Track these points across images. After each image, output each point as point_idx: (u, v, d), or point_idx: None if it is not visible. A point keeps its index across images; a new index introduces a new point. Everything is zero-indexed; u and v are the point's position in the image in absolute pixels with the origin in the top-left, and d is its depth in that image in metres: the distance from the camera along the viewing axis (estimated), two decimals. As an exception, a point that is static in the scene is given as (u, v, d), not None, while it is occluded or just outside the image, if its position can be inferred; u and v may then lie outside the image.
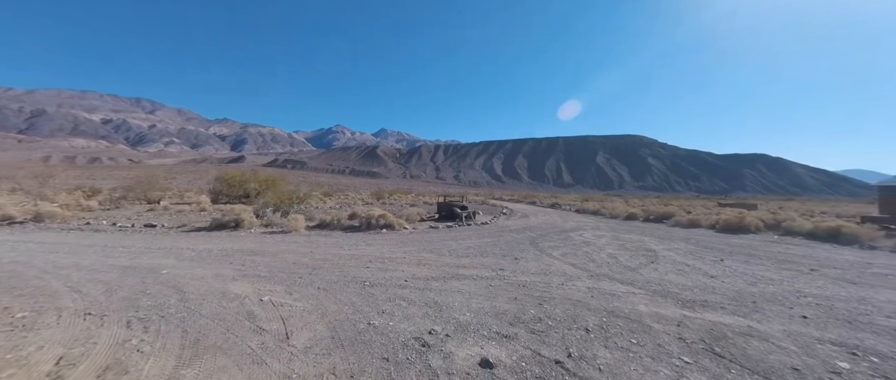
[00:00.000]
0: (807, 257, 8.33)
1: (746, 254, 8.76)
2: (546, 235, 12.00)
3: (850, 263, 7.83)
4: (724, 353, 3.36)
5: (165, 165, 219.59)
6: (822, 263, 7.76)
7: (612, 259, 7.87)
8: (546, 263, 7.35)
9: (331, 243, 9.36)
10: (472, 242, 10.16)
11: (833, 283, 5.98)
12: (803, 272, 6.76)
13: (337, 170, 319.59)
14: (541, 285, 5.65)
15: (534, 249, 9.00)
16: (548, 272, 6.49)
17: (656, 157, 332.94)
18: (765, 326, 4.02)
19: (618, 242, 10.68)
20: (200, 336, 3.45)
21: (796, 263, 7.60)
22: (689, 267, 7.04)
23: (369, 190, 65.88)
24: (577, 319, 4.18)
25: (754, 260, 7.93)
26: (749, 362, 3.20)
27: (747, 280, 6.08)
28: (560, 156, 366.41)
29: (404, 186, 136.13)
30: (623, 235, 12.43)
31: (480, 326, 3.88)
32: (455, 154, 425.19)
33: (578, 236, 11.87)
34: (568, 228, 14.44)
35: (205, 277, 5.58)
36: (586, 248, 9.43)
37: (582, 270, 6.77)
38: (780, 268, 7.12)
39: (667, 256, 8.23)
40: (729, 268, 7.05)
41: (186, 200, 23.71)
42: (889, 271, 6.96)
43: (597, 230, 13.83)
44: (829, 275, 6.57)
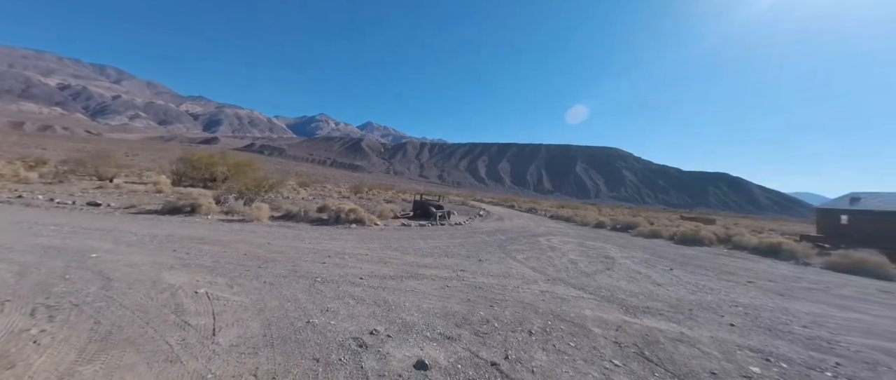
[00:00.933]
0: (747, 270, 8.95)
1: (695, 265, 9.29)
2: (515, 239, 12.17)
3: (784, 276, 8.49)
4: (653, 357, 3.50)
5: (127, 141, 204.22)
6: (759, 275, 8.36)
7: (572, 265, 8.09)
8: (508, 266, 7.43)
9: (292, 236, 9.01)
10: (440, 242, 10.13)
11: (764, 294, 6.44)
12: (740, 284, 7.24)
13: (318, 160, 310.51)
14: (497, 287, 5.69)
15: (500, 252, 9.09)
16: (507, 275, 6.56)
17: (630, 169, 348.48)
18: (695, 332, 4.24)
19: (581, 248, 11.00)
20: (114, 329, 3.16)
21: (736, 275, 8.14)
22: (641, 275, 7.35)
23: (349, 183, 64.47)
24: (524, 321, 4.23)
25: (701, 271, 8.41)
26: (673, 366, 3.35)
27: (689, 289, 6.42)
28: (542, 163, 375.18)
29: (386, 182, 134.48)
30: (588, 242, 12.84)
31: (426, 326, 3.83)
32: (440, 153, 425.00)
33: (546, 241, 12.13)
34: (538, 233, 14.74)
35: (139, 265, 5.18)
36: (551, 253, 9.64)
37: (541, 274, 6.90)
38: (722, 279, 7.59)
39: (623, 264, 8.55)
40: (676, 277, 7.42)
41: (144, 180, 22.13)
42: (814, 286, 7.60)
43: (565, 237, 14.20)
44: (762, 287, 7.07)
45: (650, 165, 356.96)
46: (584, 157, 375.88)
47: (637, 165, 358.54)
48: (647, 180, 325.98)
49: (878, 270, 9.90)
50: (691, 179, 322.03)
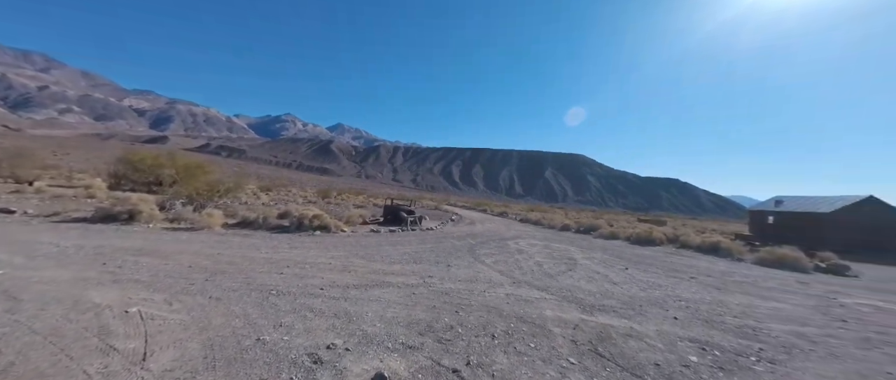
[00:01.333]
0: (691, 267, 9.81)
1: (647, 264, 10.00)
2: (485, 243, 12.34)
3: (721, 272, 9.41)
4: (605, 353, 3.69)
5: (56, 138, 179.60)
6: (700, 272, 9.19)
7: (538, 267, 8.35)
8: (476, 270, 7.50)
9: (247, 245, 8.42)
10: (410, 248, 10.00)
11: (704, 289, 7.08)
12: (685, 280, 7.90)
13: (283, 163, 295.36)
14: (464, 292, 5.70)
15: (469, 257, 9.15)
16: (475, 280, 6.61)
17: (594, 175, 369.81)
18: (643, 326, 4.54)
19: (547, 250, 11.41)
20: (18, 359, 2.72)
21: (682, 272, 8.88)
22: (599, 275, 7.76)
23: (316, 188, 61.83)
24: (488, 326, 4.27)
25: (652, 269, 9.07)
26: (623, 360, 3.55)
27: (641, 287, 6.89)
28: (514, 167, 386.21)
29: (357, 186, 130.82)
30: (553, 244, 13.35)
31: (388, 337, 3.74)
32: (414, 157, 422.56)
33: (515, 245, 12.44)
34: (508, 237, 15.08)
35: (59, 281, 4.54)
36: (518, 256, 9.89)
37: (507, 277, 7.04)
38: (669, 276, 8.24)
39: (584, 265, 8.99)
40: (630, 276, 7.93)
41: (73, 183, 19.61)
42: (745, 280, 8.49)
43: (533, 239, 14.66)
44: (702, 282, 7.78)
45: (612, 171, 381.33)
46: (553, 163, 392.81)
47: (600, 171, 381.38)
48: (608, 185, 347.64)
49: (797, 264, 11.29)
50: (647, 184, 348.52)
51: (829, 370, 3.56)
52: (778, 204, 26.02)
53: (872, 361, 3.93)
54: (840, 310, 6.11)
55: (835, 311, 6.01)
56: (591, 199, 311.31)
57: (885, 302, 7.15)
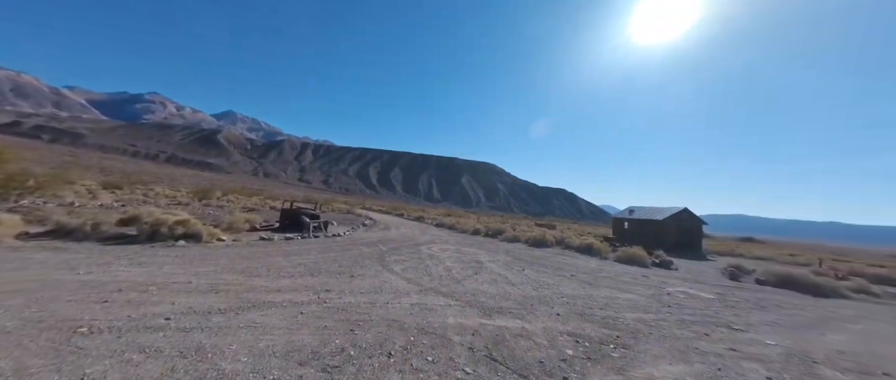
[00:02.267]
0: (572, 266, 11.50)
1: (540, 264, 11.28)
2: (397, 249, 11.94)
3: (592, 269, 11.32)
4: (499, 357, 3.79)
5: None
6: (579, 269, 10.85)
7: (446, 272, 8.41)
8: (383, 279, 7.06)
9: (56, 262, 6.04)
10: (309, 257, 8.86)
11: (580, 285, 8.31)
12: (567, 277, 9.15)
13: (146, 154, 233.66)
14: (365, 305, 5.22)
15: (377, 265, 8.62)
16: (379, 290, 6.17)
17: (503, 183, 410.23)
18: (533, 325, 4.92)
19: (458, 255, 11.74)
20: None
21: (565, 270, 10.30)
22: (500, 277, 8.31)
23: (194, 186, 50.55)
24: (386, 343, 3.93)
25: (543, 269, 10.25)
26: (513, 362, 3.70)
27: (534, 286, 7.63)
28: (432, 172, 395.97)
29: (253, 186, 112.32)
30: (464, 248, 13.88)
31: (254, 373, 3.02)
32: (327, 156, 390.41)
33: (427, 250, 12.40)
34: (421, 242, 15.00)
35: None
36: (429, 261, 9.83)
37: (415, 285, 6.83)
38: (556, 274, 9.44)
39: (489, 268, 9.52)
40: (526, 276, 8.75)
41: None
42: (609, 275, 10.39)
43: (445, 244, 14.95)
44: (580, 279, 9.15)
45: (517, 180, 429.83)
46: (468, 170, 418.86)
47: (508, 179, 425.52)
48: (514, 193, 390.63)
49: (642, 261, 14.47)
50: (544, 192, 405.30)
51: (660, 349, 4.47)
52: (631, 212, 33.46)
53: (686, 338, 5.15)
54: (667, 297, 7.97)
55: (664, 298, 7.81)
56: (500, 205, 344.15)
57: (693, 289, 9.72)
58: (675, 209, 27.99)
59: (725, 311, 7.05)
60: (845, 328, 6.49)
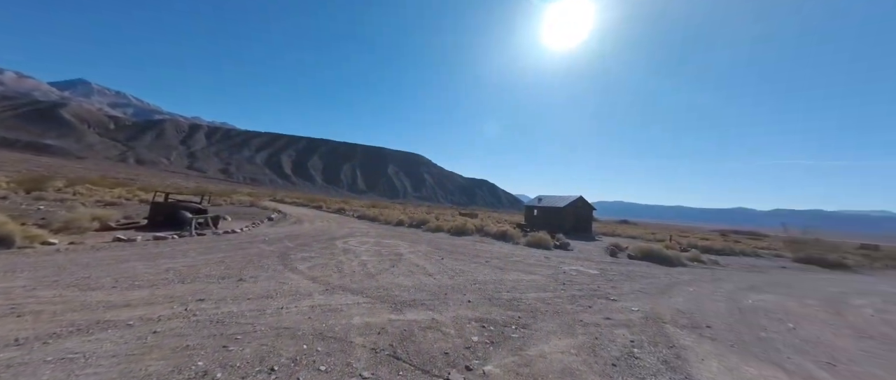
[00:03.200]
0: (486, 252, 12.18)
1: (459, 252, 11.61)
2: (308, 245, 10.72)
3: (505, 254, 12.20)
4: (403, 354, 3.56)
5: None
6: (493, 255, 11.54)
7: (361, 267, 7.84)
8: (281, 281, 6.12)
9: None
10: (184, 260, 7.17)
11: (492, 270, 8.78)
12: (482, 263, 9.60)
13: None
14: (250, 314, 4.36)
15: (278, 264, 7.49)
16: (274, 294, 5.29)
17: (430, 174, 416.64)
18: (443, 315, 4.87)
19: (377, 247, 11.17)
20: None
21: (481, 257, 10.82)
22: (418, 268, 8.16)
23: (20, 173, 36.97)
24: (269, 356, 3.30)
25: (462, 257, 10.54)
26: (418, 358, 3.52)
27: (450, 274, 7.71)
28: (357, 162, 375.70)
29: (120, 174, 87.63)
30: (385, 240, 13.35)
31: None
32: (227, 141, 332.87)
33: (343, 244, 11.48)
34: (338, 235, 13.86)
35: None
36: (343, 256, 9.06)
37: (322, 283, 6.11)
38: (472, 262, 9.80)
39: (408, 259, 9.29)
40: (444, 266, 8.82)
41: None
42: (519, 259, 11.32)
43: (365, 236, 14.14)
44: (493, 264, 9.69)
45: (443, 171, 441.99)
46: (395, 160, 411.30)
47: (435, 170, 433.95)
48: (440, 183, 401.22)
49: (546, 244, 16.30)
50: (469, 183, 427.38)
51: (553, 325, 4.92)
52: (540, 201, 37.69)
53: (574, 312, 5.82)
54: (563, 276, 9.05)
55: (560, 277, 8.83)
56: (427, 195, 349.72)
57: (583, 267, 11.31)
58: (573, 198, 32.56)
59: (605, 284, 8.35)
60: (684, 291, 8.39)
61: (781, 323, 6.07)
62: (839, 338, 5.51)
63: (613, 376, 3.37)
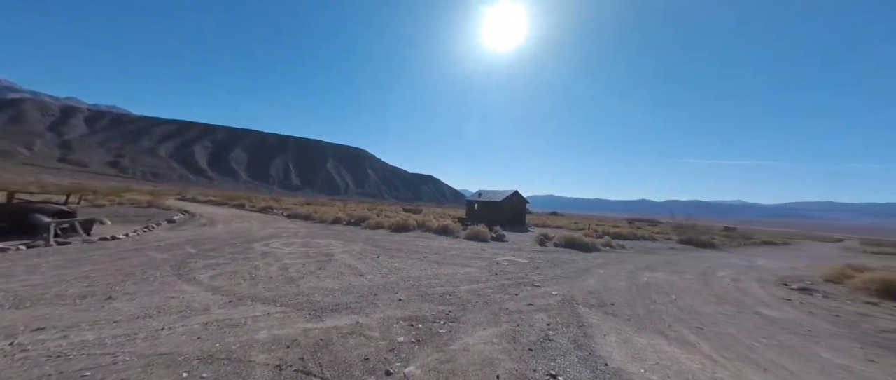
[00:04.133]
0: (425, 247, 12.14)
1: (398, 248, 11.32)
2: (216, 250, 9.28)
3: (444, 248, 12.31)
4: (314, 367, 3.23)
5: None
6: (432, 250, 11.54)
7: (282, 271, 7.05)
8: (169, 295, 5.11)
9: None
10: (26, 278, 5.57)
11: (429, 265, 8.74)
12: (419, 259, 9.49)
13: None
14: (112, 342, 3.53)
15: (170, 275, 6.28)
16: (154, 313, 4.37)
17: (374, 169, 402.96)
18: (369, 318, 4.59)
19: (305, 248, 10.23)
20: None
21: (419, 252, 10.72)
22: (350, 268, 7.67)
23: None
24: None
25: (400, 254, 10.28)
26: (334, 368, 3.23)
27: (384, 273, 7.42)
28: (290, 156, 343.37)
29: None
30: (316, 240, 12.34)
31: None
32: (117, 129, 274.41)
33: (264, 246, 10.25)
34: (259, 237, 12.36)
35: None
36: (261, 260, 8.05)
37: (225, 294, 5.28)
38: (409, 257, 9.63)
39: (339, 260, 8.68)
40: (379, 263, 8.46)
41: None
42: (457, 252, 11.52)
43: (293, 237, 12.88)
44: (430, 259, 9.66)
45: (387, 167, 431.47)
46: (335, 154, 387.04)
47: (378, 165, 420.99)
48: (385, 179, 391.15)
49: (484, 237, 16.95)
50: (413, 179, 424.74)
51: (481, 316, 5.03)
52: (480, 195, 39.25)
53: (501, 301, 6.07)
54: (496, 266, 9.44)
55: (493, 268, 9.20)
56: (371, 191, 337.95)
57: (514, 256, 12.00)
58: (509, 192, 34.62)
59: (532, 271, 8.96)
60: (596, 274, 9.46)
61: (667, 296, 7.23)
62: (707, 305, 6.78)
63: (528, 361, 3.54)
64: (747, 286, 9.06)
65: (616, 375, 3.36)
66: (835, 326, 5.92)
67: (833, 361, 4.27)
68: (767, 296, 8.03)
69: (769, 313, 6.49)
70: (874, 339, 5.33)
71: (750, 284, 9.49)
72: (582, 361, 3.62)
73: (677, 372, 3.51)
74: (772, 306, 7.09)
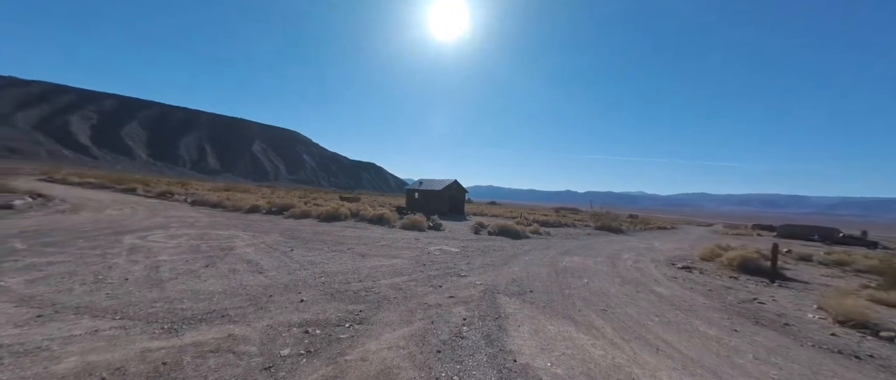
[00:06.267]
0: (354, 238, 11.19)
1: (321, 240, 10.16)
2: (61, 243, 7.09)
3: (375, 238, 11.51)
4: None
5: None
6: (361, 241, 10.66)
7: (149, 271, 5.55)
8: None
9: None
10: None
11: (353, 258, 7.93)
12: (343, 251, 8.59)
13: None
14: None
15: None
16: None
17: (310, 154, 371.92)
18: (248, 327, 3.73)
19: (197, 241, 8.47)
20: None
21: (345, 244, 9.77)
22: (248, 265, 6.47)
23: None
24: None
25: (320, 246, 9.19)
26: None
27: (293, 269, 6.41)
28: (205, 135, 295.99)
29: None
30: (217, 231, 10.42)
31: None
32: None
33: (138, 240, 8.20)
34: (137, 228, 9.96)
35: None
36: (125, 257, 6.31)
37: (39, 305, 3.86)
38: (332, 250, 8.65)
39: (239, 254, 7.32)
40: (291, 259, 7.35)
41: None
42: (388, 243, 10.84)
43: (188, 228, 10.70)
44: (356, 251, 8.83)
45: (325, 152, 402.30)
46: (262, 136, 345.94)
47: (315, 150, 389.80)
48: (323, 165, 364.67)
49: (420, 226, 16.51)
50: (354, 166, 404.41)
51: (395, 314, 4.52)
52: (420, 184, 38.79)
53: (422, 294, 5.66)
54: (426, 256, 9.05)
55: (423, 258, 8.79)
56: (306, 178, 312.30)
57: (447, 245, 11.78)
58: (449, 181, 34.86)
59: (462, 261, 8.80)
60: (522, 260, 9.75)
61: (580, 279, 7.69)
62: (613, 285, 7.37)
63: (433, 366, 3.14)
64: (645, 267, 10.30)
65: (523, 372, 3.16)
66: (708, 299, 6.92)
67: (708, 333, 4.84)
68: (660, 275, 9.18)
69: (660, 290, 7.32)
70: (737, 309, 6.33)
71: (647, 265, 10.83)
72: (490, 359, 3.36)
73: (581, 361, 3.49)
74: (662, 283, 8.06)
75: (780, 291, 8.29)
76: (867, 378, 3.85)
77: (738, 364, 3.86)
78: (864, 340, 5.13)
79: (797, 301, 7.25)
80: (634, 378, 3.27)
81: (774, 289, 8.42)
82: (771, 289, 8.39)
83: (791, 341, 4.86)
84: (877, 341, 5.12)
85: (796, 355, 4.29)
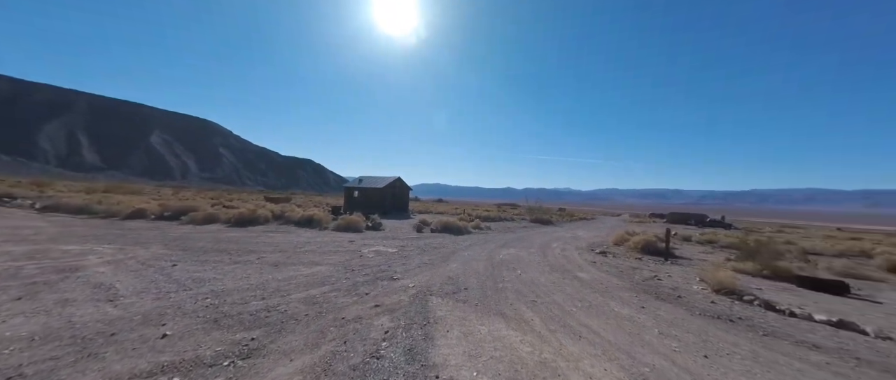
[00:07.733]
0: (270, 244, 9.66)
1: (222, 250, 8.44)
2: None
3: (298, 243, 10.12)
4: None
5: None
6: (280, 247, 9.21)
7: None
8: None
9: None
10: None
11: (260, 269, 6.67)
12: (250, 263, 7.19)
13: None
14: None
15: None
16: None
17: (229, 148, 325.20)
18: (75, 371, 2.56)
19: (21, 262, 6.18)
20: None
21: (255, 252, 8.29)
22: (96, 290, 4.85)
23: None
24: None
25: (216, 257, 7.58)
26: None
27: (166, 292, 5.00)
28: (80, 122, 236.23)
29: None
30: (62, 246, 7.91)
31: None
32: None
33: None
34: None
35: None
36: None
37: None
38: (233, 262, 7.18)
39: (87, 276, 5.50)
40: (168, 277, 5.80)
41: None
42: (314, 248, 9.58)
43: (13, 245, 7.89)
44: (267, 260, 7.51)
45: (250, 146, 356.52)
46: (164, 125, 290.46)
47: (236, 144, 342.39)
48: (247, 162, 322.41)
49: (357, 226, 15.25)
50: (287, 163, 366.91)
51: (301, 337, 3.69)
52: (360, 181, 36.66)
53: (344, 307, 4.89)
54: (358, 260, 8.17)
55: (354, 262, 7.90)
56: (224, 176, 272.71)
57: (383, 246, 11.00)
58: (392, 178, 33.66)
59: (397, 262, 8.18)
60: (461, 256, 9.55)
61: (514, 271, 7.76)
62: (542, 274, 7.59)
63: (334, 406, 2.52)
64: (570, 255, 11.06)
65: (447, 391, 2.75)
66: (620, 279, 7.57)
67: (621, 313, 5.14)
68: (582, 261, 9.90)
69: (582, 275, 7.80)
70: (642, 286, 7.01)
71: (572, 252, 11.67)
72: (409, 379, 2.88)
73: (509, 364, 3.23)
74: (584, 269, 8.66)
75: (672, 267, 9.62)
76: (740, 338, 4.44)
77: (647, 341, 4.08)
78: (734, 304, 6.06)
79: (685, 275, 8.43)
80: (560, 374, 3.13)
81: (668, 266, 9.74)
82: (666, 266, 9.69)
83: (685, 311, 5.46)
84: (742, 304, 6.10)
85: (689, 325, 4.78)
